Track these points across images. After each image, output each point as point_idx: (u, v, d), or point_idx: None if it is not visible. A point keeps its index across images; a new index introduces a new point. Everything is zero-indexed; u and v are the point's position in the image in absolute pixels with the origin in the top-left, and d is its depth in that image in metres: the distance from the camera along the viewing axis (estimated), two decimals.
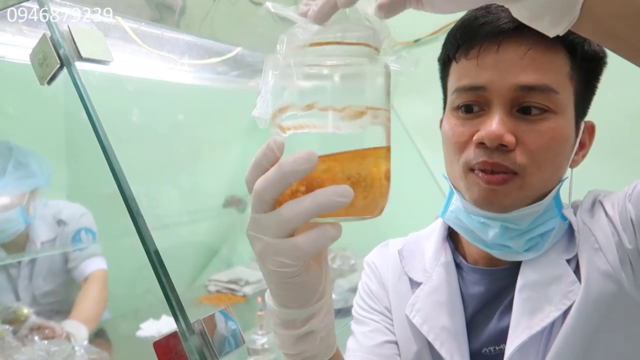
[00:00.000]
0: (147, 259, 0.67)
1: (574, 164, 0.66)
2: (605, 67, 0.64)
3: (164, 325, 1.47)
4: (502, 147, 0.58)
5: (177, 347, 0.61)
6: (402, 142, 1.84)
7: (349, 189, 0.37)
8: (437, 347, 0.66)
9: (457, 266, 0.71)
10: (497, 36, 0.59)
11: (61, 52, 0.73)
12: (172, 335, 0.62)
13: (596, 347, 0.59)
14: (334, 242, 0.39)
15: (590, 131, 0.67)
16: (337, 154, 0.39)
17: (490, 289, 0.67)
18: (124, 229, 0.72)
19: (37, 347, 1.07)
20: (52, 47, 0.74)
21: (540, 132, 0.59)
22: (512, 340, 0.61)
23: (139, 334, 1.47)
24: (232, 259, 2.26)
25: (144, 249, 0.67)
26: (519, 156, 0.59)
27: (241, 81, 1.74)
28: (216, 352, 0.62)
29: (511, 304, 0.64)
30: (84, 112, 0.72)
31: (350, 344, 0.75)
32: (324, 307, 0.45)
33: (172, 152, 1.77)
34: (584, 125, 0.65)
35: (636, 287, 0.59)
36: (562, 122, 0.60)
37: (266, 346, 1.28)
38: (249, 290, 1.80)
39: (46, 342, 1.11)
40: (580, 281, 0.61)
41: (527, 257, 0.64)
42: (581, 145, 0.66)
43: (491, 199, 0.61)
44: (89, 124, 0.72)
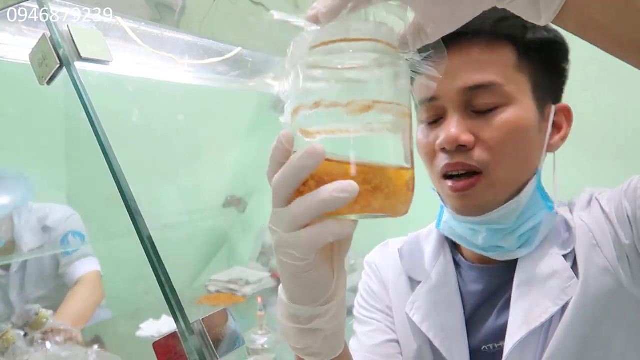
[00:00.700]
0: (147, 259, 0.67)
1: (551, 148, 0.66)
2: (567, 52, 0.65)
3: (164, 325, 1.47)
4: (462, 148, 0.61)
5: (176, 347, 0.61)
6: None
7: (353, 184, 0.36)
8: (437, 344, 0.66)
9: (456, 264, 0.72)
10: (466, 42, 0.61)
11: (61, 52, 0.73)
12: (172, 335, 0.62)
13: (595, 342, 0.59)
14: (338, 238, 0.39)
15: (566, 113, 0.67)
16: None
17: (488, 286, 0.68)
18: (124, 229, 0.72)
19: (49, 353, 1.06)
20: (51, 47, 0.74)
21: (495, 127, 0.60)
22: (511, 336, 0.61)
23: (139, 334, 1.47)
24: (232, 259, 2.26)
25: (144, 249, 0.67)
26: (480, 153, 0.61)
27: (241, 81, 1.74)
28: (216, 352, 0.62)
29: (509, 301, 0.64)
30: (84, 112, 0.72)
31: (352, 343, 0.75)
32: (332, 309, 0.45)
33: (172, 152, 1.77)
34: (554, 109, 0.65)
35: (634, 282, 0.59)
36: (517, 112, 0.61)
37: (266, 346, 1.28)
38: (249, 290, 1.80)
39: (58, 347, 1.10)
40: (577, 277, 0.61)
41: (522, 254, 0.65)
42: (557, 128, 0.66)
43: (464, 204, 0.63)
44: (89, 124, 0.72)
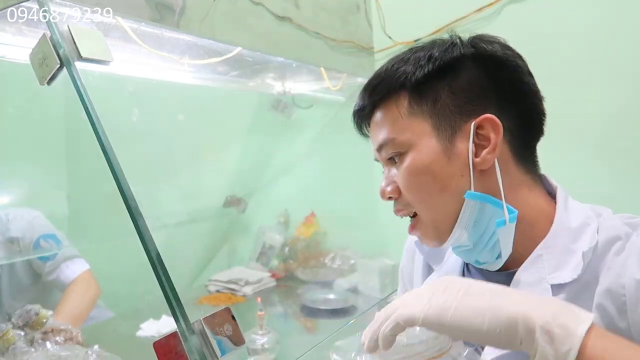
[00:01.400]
0: (147, 259, 0.67)
1: (483, 164, 0.63)
2: (471, 68, 0.65)
3: (164, 325, 1.47)
4: (393, 197, 0.69)
5: (177, 347, 0.61)
6: None
7: None
8: None
9: (466, 265, 0.75)
10: (367, 116, 0.72)
11: (61, 52, 0.73)
12: (172, 335, 0.62)
13: None
14: None
15: (492, 124, 0.63)
16: None
17: None
18: (124, 229, 0.72)
19: (49, 353, 1.06)
20: (52, 47, 0.73)
21: (400, 175, 0.67)
22: (489, 354, 0.61)
23: (139, 334, 1.47)
24: (232, 259, 2.26)
25: (144, 249, 0.67)
26: (403, 199, 0.68)
27: (241, 81, 1.74)
28: (216, 352, 0.62)
29: None
30: (84, 112, 0.72)
31: None
32: None
33: (172, 152, 1.76)
34: (473, 126, 0.63)
35: (620, 317, 0.57)
36: (414, 156, 0.66)
37: (266, 346, 1.28)
38: (249, 290, 1.80)
39: (58, 347, 1.09)
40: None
41: (501, 263, 0.66)
42: (485, 141, 0.64)
43: (422, 241, 0.70)
44: (89, 124, 0.72)
